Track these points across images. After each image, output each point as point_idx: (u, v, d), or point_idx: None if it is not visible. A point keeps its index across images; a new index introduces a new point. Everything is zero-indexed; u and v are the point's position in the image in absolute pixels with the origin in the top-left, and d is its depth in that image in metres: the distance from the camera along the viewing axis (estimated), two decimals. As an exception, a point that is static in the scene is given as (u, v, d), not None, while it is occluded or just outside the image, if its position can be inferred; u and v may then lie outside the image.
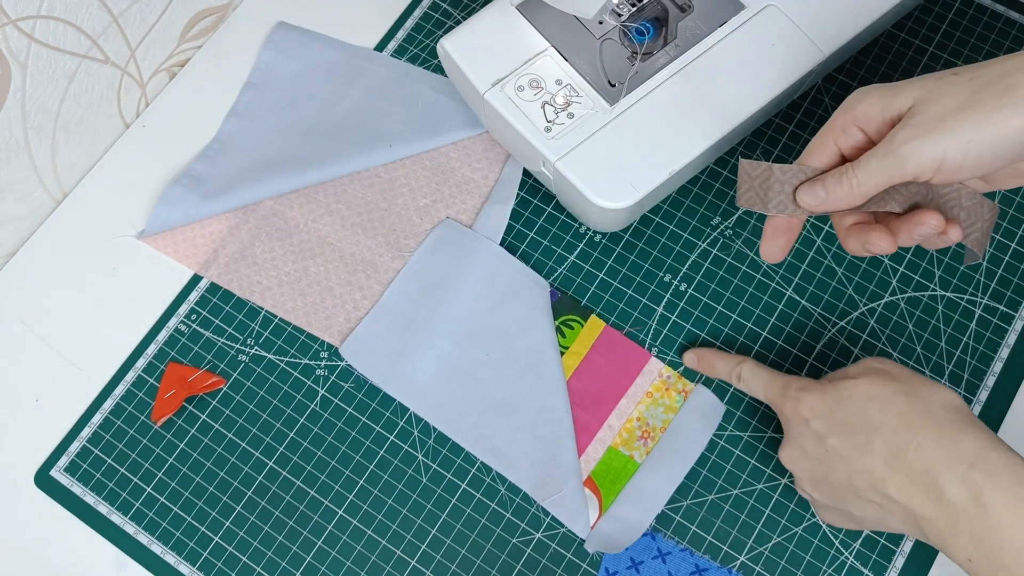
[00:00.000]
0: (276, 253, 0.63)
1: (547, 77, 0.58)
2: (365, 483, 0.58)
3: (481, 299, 0.61)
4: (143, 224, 0.65)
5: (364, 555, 0.57)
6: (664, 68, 0.58)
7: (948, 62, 0.65)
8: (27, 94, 0.58)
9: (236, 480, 0.59)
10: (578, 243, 0.63)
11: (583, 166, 0.56)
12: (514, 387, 0.59)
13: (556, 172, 0.57)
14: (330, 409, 0.60)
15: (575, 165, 0.56)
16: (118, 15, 0.62)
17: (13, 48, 0.55)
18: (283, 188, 0.64)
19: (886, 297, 0.61)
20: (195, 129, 0.67)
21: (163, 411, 0.60)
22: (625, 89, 0.57)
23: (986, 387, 0.58)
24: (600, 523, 0.56)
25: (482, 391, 0.59)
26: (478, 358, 0.60)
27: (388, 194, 0.65)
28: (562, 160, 0.56)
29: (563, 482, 0.56)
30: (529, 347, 0.59)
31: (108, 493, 0.59)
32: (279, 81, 0.68)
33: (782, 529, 0.56)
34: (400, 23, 0.70)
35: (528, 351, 0.59)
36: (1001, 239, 0.61)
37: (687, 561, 0.56)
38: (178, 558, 0.57)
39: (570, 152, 0.56)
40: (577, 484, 0.56)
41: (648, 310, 0.61)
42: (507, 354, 0.60)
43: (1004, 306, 0.60)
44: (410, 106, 0.66)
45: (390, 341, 0.60)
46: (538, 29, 0.59)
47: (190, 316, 0.62)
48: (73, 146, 0.65)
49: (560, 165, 0.56)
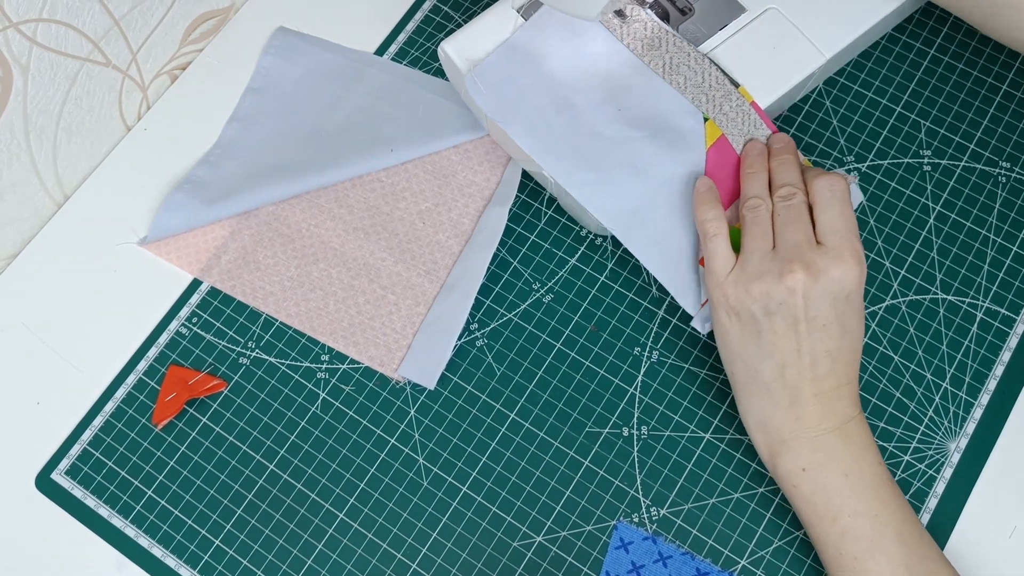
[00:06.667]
0: (278, 258, 0.63)
1: (549, 78, 0.58)
2: (366, 486, 0.58)
3: (627, 63, 0.57)
4: (144, 228, 0.65)
5: (365, 558, 0.57)
6: (666, 70, 0.57)
7: (949, 65, 0.66)
8: (29, 97, 0.58)
9: (237, 483, 0.59)
10: (579, 246, 0.63)
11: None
12: (642, 147, 0.56)
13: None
14: (331, 412, 0.60)
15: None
16: (120, 18, 0.62)
17: (15, 51, 0.55)
18: (285, 193, 0.64)
19: (887, 300, 0.61)
20: (196, 132, 0.67)
21: (164, 414, 0.60)
22: (627, 91, 0.57)
23: (987, 391, 0.58)
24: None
25: (605, 146, 0.56)
26: (609, 113, 0.57)
27: (390, 198, 0.65)
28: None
29: (681, 257, 0.55)
30: (664, 110, 0.56)
31: (109, 496, 0.59)
32: (280, 86, 0.69)
33: (783, 533, 0.56)
34: (401, 27, 0.70)
35: (663, 113, 0.56)
36: (1002, 242, 0.61)
37: (688, 565, 0.56)
38: (179, 561, 0.57)
39: (572, 153, 0.56)
40: (694, 261, 0.55)
41: (649, 313, 0.61)
42: (638, 112, 0.57)
43: (1005, 309, 0.60)
44: (411, 110, 0.66)
45: (517, 80, 0.57)
46: (540, 31, 0.59)
47: (191, 319, 0.62)
48: (74, 149, 0.65)
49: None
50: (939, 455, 0.57)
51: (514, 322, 0.61)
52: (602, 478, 0.58)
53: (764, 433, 0.53)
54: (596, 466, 0.58)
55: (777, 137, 0.56)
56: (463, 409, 0.60)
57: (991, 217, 0.62)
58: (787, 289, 0.50)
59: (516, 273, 0.63)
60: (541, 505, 0.58)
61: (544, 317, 0.62)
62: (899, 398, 0.59)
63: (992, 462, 0.57)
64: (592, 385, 0.60)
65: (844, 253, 0.50)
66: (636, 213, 0.56)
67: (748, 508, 0.57)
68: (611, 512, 0.57)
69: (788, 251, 0.51)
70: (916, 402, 0.58)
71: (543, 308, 0.62)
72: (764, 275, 0.51)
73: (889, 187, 0.63)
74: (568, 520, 0.57)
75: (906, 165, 0.64)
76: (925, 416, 0.58)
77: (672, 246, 0.56)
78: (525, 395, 0.60)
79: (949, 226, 0.62)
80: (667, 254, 0.56)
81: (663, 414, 0.59)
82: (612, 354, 0.60)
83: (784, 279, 0.50)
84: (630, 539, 0.57)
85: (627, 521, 0.57)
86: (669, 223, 0.56)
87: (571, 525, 0.57)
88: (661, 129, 0.56)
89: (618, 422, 0.59)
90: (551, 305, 0.62)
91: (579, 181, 0.56)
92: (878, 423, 0.58)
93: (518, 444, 0.59)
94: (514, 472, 0.58)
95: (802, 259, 0.50)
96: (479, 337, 0.61)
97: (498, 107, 0.57)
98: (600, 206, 0.56)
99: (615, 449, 0.58)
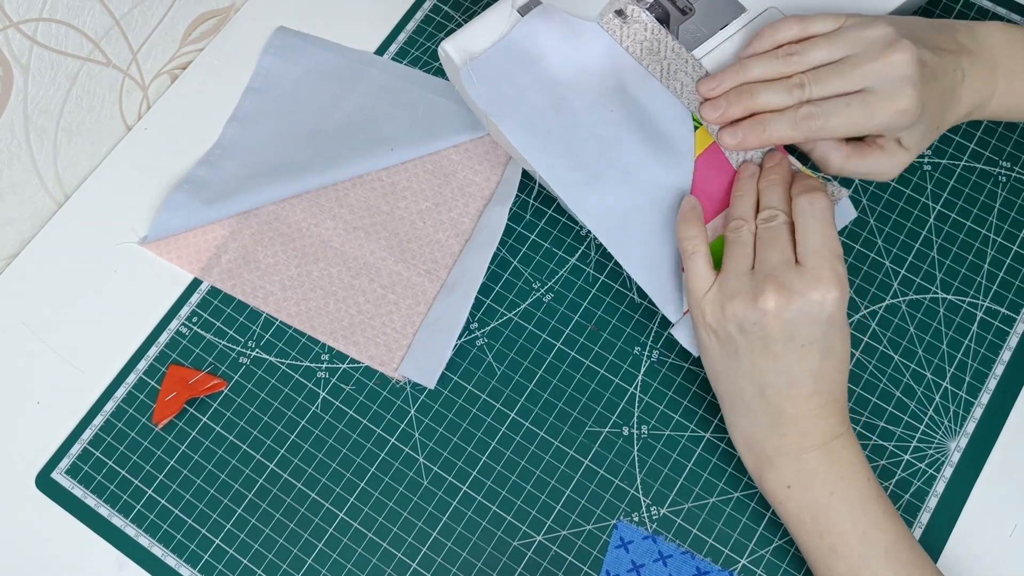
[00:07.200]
0: (278, 257, 0.63)
1: (549, 77, 0.58)
2: (366, 486, 0.58)
3: (626, 68, 0.57)
4: (145, 228, 0.65)
5: (365, 557, 0.57)
6: (666, 70, 0.57)
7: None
8: (29, 96, 0.58)
9: (237, 482, 0.59)
10: (579, 245, 0.63)
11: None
12: (633, 150, 0.56)
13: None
14: (331, 412, 0.60)
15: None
16: (120, 18, 0.62)
17: (15, 51, 0.56)
18: (285, 193, 0.64)
19: (887, 300, 0.61)
20: (197, 131, 0.68)
21: (164, 413, 0.60)
22: (627, 90, 0.57)
23: (987, 390, 0.58)
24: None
25: (595, 147, 0.56)
26: (602, 115, 0.57)
27: (390, 197, 0.65)
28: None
29: (663, 262, 0.55)
30: (657, 114, 0.56)
31: (109, 495, 0.59)
32: (280, 86, 0.69)
33: (783, 532, 0.56)
34: (401, 26, 0.70)
35: (655, 118, 0.56)
36: (1002, 242, 0.61)
37: (688, 564, 0.56)
38: (179, 560, 0.57)
39: (572, 152, 0.56)
40: (675, 267, 0.55)
41: (650, 313, 0.61)
42: (631, 115, 0.56)
43: (1006, 309, 0.60)
44: (411, 109, 0.66)
45: (513, 76, 0.57)
46: (540, 30, 0.59)
47: (191, 318, 0.62)
48: (75, 148, 0.65)
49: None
50: (939, 454, 0.57)
51: (514, 321, 0.62)
52: (602, 477, 0.58)
53: (750, 450, 0.53)
54: (596, 465, 0.58)
55: (771, 156, 0.56)
56: (463, 408, 0.60)
57: (991, 216, 0.62)
58: (760, 310, 0.50)
59: (516, 272, 0.63)
60: (541, 504, 0.58)
61: (544, 316, 0.62)
62: (899, 397, 0.59)
63: (992, 461, 0.57)
64: (592, 384, 0.60)
65: (823, 275, 0.49)
66: (620, 216, 0.56)
67: (748, 507, 0.57)
68: (611, 511, 0.57)
69: (764, 272, 0.50)
70: (916, 401, 0.58)
71: (543, 307, 0.62)
72: (738, 295, 0.51)
73: (889, 186, 0.63)
74: (568, 519, 0.57)
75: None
76: (925, 415, 0.58)
77: (655, 251, 0.56)
78: (525, 394, 0.60)
79: (949, 225, 0.62)
80: (649, 259, 0.56)
81: (663, 413, 0.59)
82: (612, 353, 0.60)
83: (757, 300, 0.50)
84: (630, 538, 0.57)
85: (627, 520, 0.57)
86: (653, 228, 0.56)
87: (571, 524, 0.57)
88: (652, 134, 0.56)
89: (618, 421, 0.59)
90: (551, 304, 0.62)
91: (567, 181, 0.56)
92: (878, 422, 0.58)
93: (518, 443, 0.59)
94: (514, 471, 0.58)
95: (777, 280, 0.50)
96: (479, 336, 0.61)
97: (492, 101, 0.57)
98: (585, 207, 0.56)
99: (615, 448, 0.58)
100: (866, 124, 0.52)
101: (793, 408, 0.51)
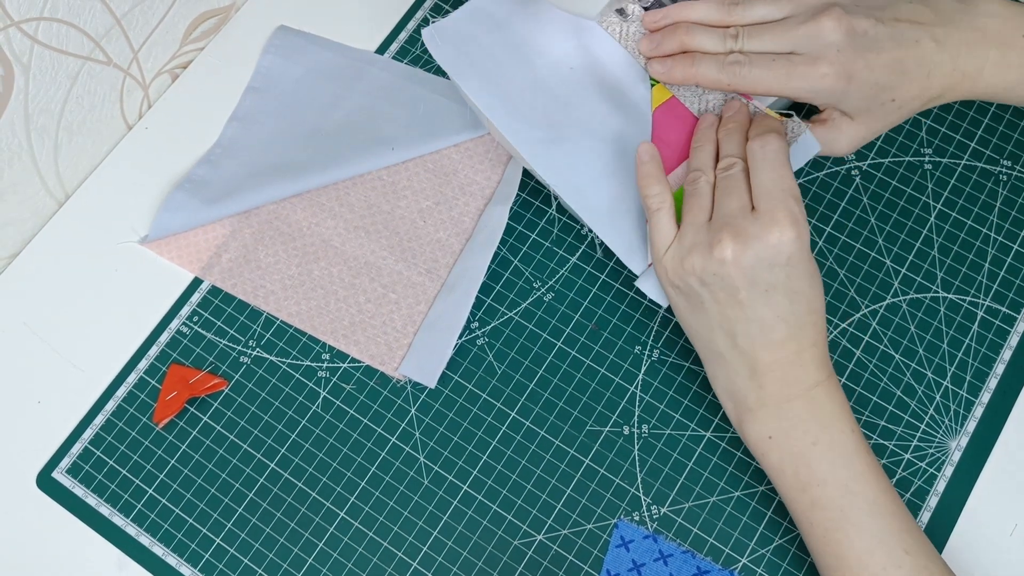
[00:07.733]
0: (279, 256, 0.63)
1: (549, 76, 0.58)
2: (367, 485, 0.58)
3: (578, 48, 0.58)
4: (145, 227, 0.65)
5: (365, 557, 0.57)
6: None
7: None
8: (30, 96, 0.58)
9: (238, 482, 0.59)
10: (580, 244, 0.63)
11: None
12: (592, 107, 0.57)
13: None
14: (332, 411, 0.60)
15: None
16: (121, 17, 0.62)
17: (16, 50, 0.56)
18: (285, 192, 0.64)
19: (888, 299, 0.61)
20: (197, 130, 0.68)
21: (165, 413, 0.60)
22: (627, 89, 0.57)
23: (988, 389, 0.58)
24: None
25: (556, 105, 0.57)
26: (563, 73, 0.57)
27: (391, 197, 0.65)
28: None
29: (624, 215, 0.55)
30: (615, 72, 0.57)
31: (110, 495, 0.59)
32: (280, 85, 0.69)
33: (784, 531, 0.56)
34: (402, 25, 0.70)
35: (613, 75, 0.57)
36: (1003, 241, 0.61)
37: (689, 563, 0.56)
38: (180, 560, 0.57)
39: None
40: (637, 219, 0.55)
41: (650, 312, 0.61)
42: (590, 72, 0.57)
43: (1007, 308, 0.60)
44: (412, 108, 0.66)
45: (477, 38, 0.57)
46: (540, 29, 0.59)
47: (192, 318, 0.62)
48: (75, 148, 0.65)
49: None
50: (940, 453, 0.57)
51: (515, 321, 0.62)
52: (603, 476, 0.58)
53: (732, 400, 0.53)
54: (597, 464, 0.58)
55: (729, 104, 0.55)
56: (464, 408, 0.60)
57: (992, 216, 0.62)
58: (717, 260, 0.49)
59: (517, 272, 0.63)
60: (542, 503, 0.58)
61: (545, 316, 0.62)
62: (900, 396, 0.59)
63: (993, 460, 0.57)
64: (593, 383, 0.60)
65: (777, 216, 0.49)
66: (581, 171, 0.56)
67: (749, 506, 0.57)
68: (612, 510, 0.57)
69: (720, 221, 0.50)
70: (917, 400, 0.58)
71: (544, 307, 0.62)
72: (696, 247, 0.50)
73: (890, 185, 0.63)
74: (569, 518, 0.57)
75: (907, 164, 0.64)
76: (926, 414, 0.58)
77: (618, 206, 0.56)
78: (526, 393, 0.60)
79: (950, 225, 0.62)
80: (612, 214, 0.56)
81: (664, 412, 0.59)
82: (613, 352, 0.60)
83: (713, 250, 0.49)
84: (631, 537, 0.57)
85: (628, 519, 0.57)
86: (614, 182, 0.56)
87: (572, 523, 0.57)
88: (611, 91, 0.57)
89: (619, 420, 0.59)
90: (552, 304, 0.62)
91: (529, 139, 0.56)
92: (879, 421, 0.58)
93: (519, 442, 0.59)
94: (515, 470, 0.58)
95: (731, 228, 0.49)
96: (480, 336, 0.61)
97: (454, 61, 0.57)
98: (546, 164, 0.56)
99: (616, 447, 0.58)
100: (787, 84, 0.52)
101: (769, 356, 0.51)
